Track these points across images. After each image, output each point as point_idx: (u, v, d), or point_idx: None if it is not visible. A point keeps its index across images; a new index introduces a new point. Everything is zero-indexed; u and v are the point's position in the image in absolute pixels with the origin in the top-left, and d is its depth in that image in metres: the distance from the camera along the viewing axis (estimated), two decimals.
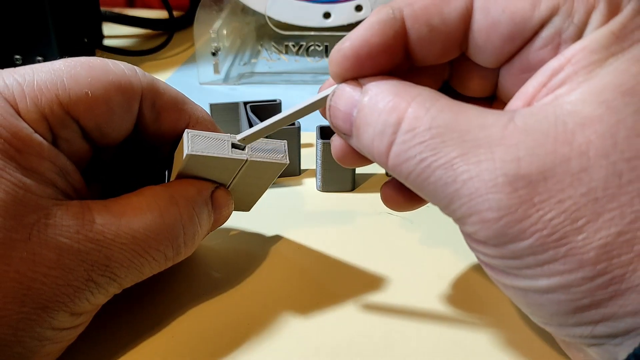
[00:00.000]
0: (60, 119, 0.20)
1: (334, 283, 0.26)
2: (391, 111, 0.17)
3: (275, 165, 0.24)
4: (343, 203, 0.32)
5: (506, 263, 0.16)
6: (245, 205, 0.27)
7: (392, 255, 0.28)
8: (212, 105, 0.36)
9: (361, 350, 0.22)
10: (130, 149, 0.24)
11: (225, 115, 0.36)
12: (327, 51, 0.51)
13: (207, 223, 0.23)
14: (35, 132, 0.19)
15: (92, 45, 0.51)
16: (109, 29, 0.61)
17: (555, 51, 0.16)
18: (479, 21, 0.17)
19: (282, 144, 0.25)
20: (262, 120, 0.34)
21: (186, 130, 0.22)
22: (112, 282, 0.20)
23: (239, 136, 0.22)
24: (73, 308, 0.19)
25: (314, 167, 0.35)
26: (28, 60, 0.45)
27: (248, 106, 0.35)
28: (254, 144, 0.23)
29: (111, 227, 0.20)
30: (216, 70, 0.50)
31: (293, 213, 0.31)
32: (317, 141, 0.32)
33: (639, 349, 0.14)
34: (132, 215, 0.20)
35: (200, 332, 0.23)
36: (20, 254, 0.18)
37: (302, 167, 0.35)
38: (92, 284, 0.19)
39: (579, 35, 0.16)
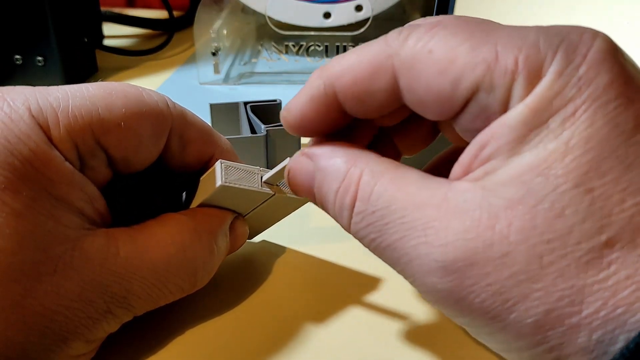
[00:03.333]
0: (91, 148, 0.20)
1: (338, 287, 0.26)
2: (344, 193, 0.18)
3: (298, 201, 0.25)
4: None
5: (466, 329, 0.17)
6: (252, 234, 0.27)
7: None
8: (212, 105, 0.36)
9: (372, 355, 0.22)
10: (151, 174, 0.24)
11: (225, 115, 0.36)
12: (327, 51, 0.51)
13: (224, 254, 0.23)
14: (66, 160, 0.19)
15: (92, 45, 0.51)
16: (109, 29, 0.61)
17: (487, 121, 0.16)
18: (408, 99, 0.18)
19: None
20: (262, 120, 0.34)
21: (219, 160, 0.22)
22: (128, 312, 0.20)
23: (265, 177, 0.23)
24: (89, 337, 0.19)
25: None
26: (28, 60, 0.45)
27: (248, 106, 0.35)
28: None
29: (134, 260, 0.19)
30: (216, 70, 0.50)
31: (293, 214, 0.31)
32: None
33: None
34: (155, 249, 0.20)
35: (206, 346, 0.23)
36: (46, 287, 0.18)
37: None
38: (109, 315, 0.19)
39: (504, 108, 0.16)
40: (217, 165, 0.22)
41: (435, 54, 0.16)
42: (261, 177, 0.23)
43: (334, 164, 0.19)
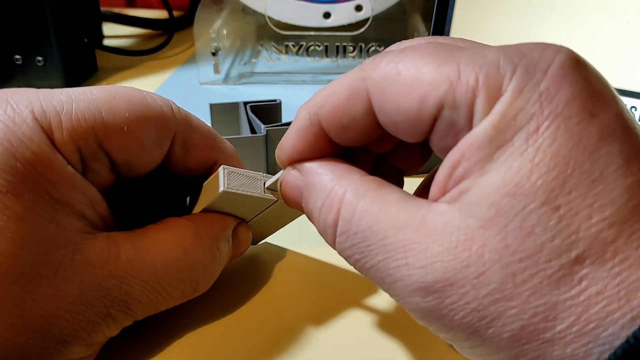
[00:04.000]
0: (93, 151, 0.20)
1: (340, 288, 0.26)
2: (327, 211, 0.18)
3: None
4: None
5: (452, 344, 0.17)
6: (256, 240, 0.27)
7: None
8: (212, 105, 0.36)
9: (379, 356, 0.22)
10: (154, 178, 0.23)
11: (225, 116, 0.36)
12: (327, 51, 0.51)
13: (226, 259, 0.23)
14: (68, 163, 0.19)
15: (92, 45, 0.51)
16: (109, 29, 0.61)
17: (456, 139, 0.16)
18: (382, 120, 0.18)
19: None
20: (262, 120, 0.34)
21: (222, 166, 0.22)
22: (128, 316, 0.20)
23: (268, 183, 0.23)
24: (89, 340, 0.19)
25: None
26: (28, 60, 0.45)
27: (248, 106, 0.35)
28: None
29: (135, 263, 0.19)
30: (216, 70, 0.50)
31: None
32: None
33: None
34: (156, 252, 0.20)
35: (207, 349, 0.23)
36: (46, 290, 0.18)
37: None
38: (109, 319, 0.19)
39: (469, 125, 0.16)
40: (220, 170, 0.22)
41: (403, 75, 0.17)
42: (264, 183, 0.23)
43: (320, 180, 0.19)
